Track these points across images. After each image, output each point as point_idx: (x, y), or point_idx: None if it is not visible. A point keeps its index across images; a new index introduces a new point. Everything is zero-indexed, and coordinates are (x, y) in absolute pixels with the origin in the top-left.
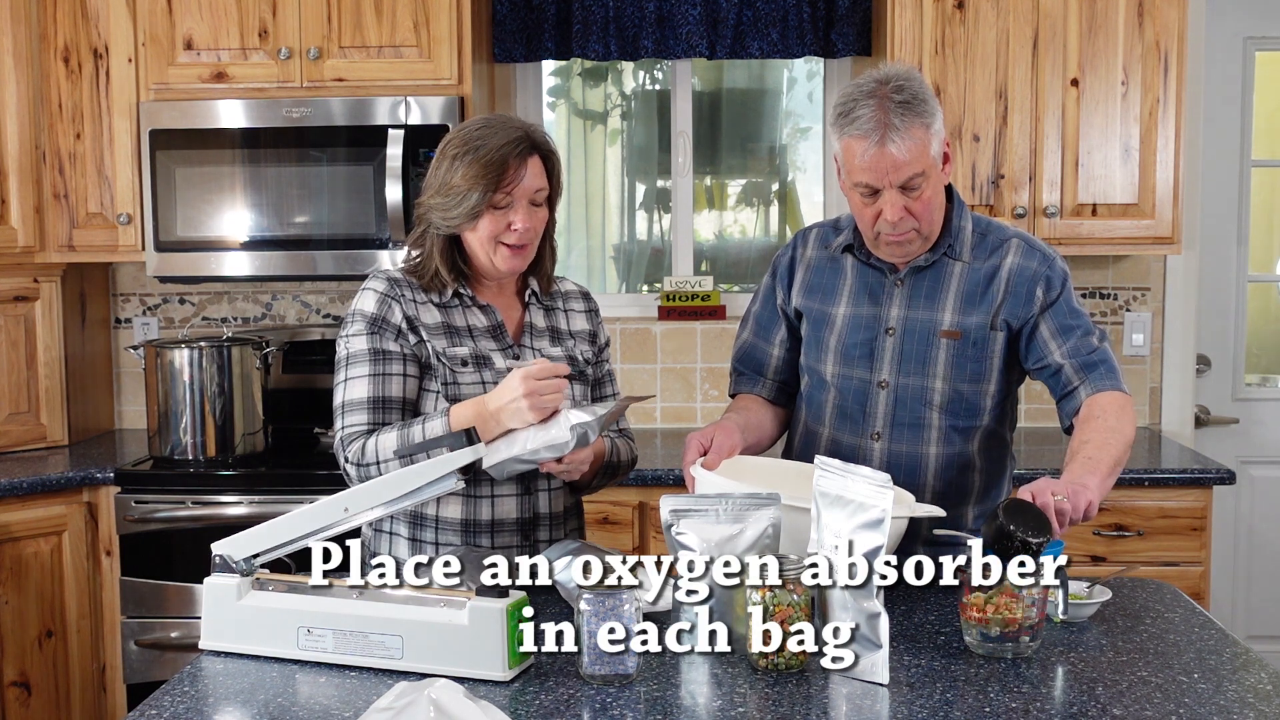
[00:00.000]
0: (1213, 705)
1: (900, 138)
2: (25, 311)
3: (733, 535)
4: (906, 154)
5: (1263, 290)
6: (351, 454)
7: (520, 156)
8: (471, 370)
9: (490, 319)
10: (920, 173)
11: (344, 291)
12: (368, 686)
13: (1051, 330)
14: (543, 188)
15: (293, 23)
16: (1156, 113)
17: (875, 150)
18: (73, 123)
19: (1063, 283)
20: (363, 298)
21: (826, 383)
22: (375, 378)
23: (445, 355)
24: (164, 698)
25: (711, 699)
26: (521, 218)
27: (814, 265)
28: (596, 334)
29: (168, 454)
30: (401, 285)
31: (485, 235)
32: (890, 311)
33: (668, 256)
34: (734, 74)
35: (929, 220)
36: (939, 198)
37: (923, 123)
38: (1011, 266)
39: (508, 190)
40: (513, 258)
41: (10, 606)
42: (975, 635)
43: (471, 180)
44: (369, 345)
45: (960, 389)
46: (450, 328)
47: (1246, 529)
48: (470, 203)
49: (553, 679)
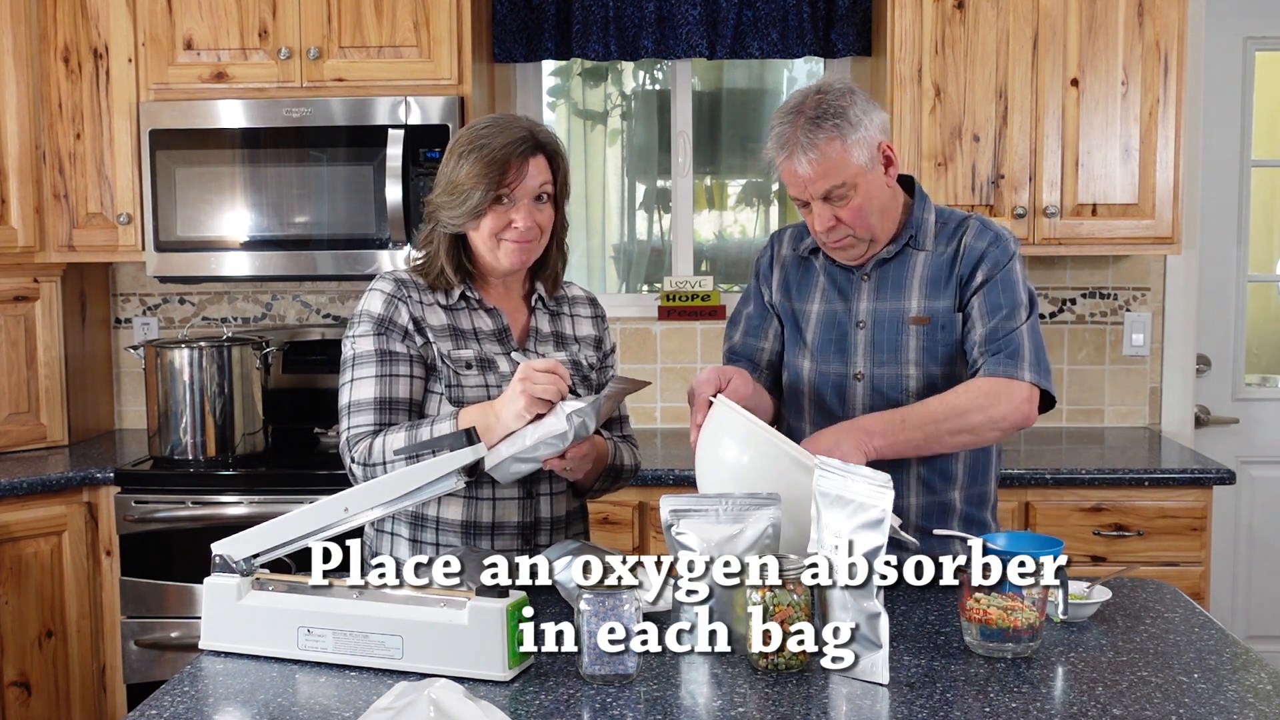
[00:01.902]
0: (1213, 705)
1: (806, 154)
2: (25, 311)
3: (733, 535)
4: (811, 170)
5: (1263, 290)
6: (358, 454)
7: (523, 155)
8: (475, 373)
9: (495, 322)
10: (840, 184)
11: (344, 291)
12: (368, 686)
13: (980, 310)
14: (546, 183)
15: (293, 23)
16: (1156, 113)
17: (787, 165)
18: (73, 123)
19: (1008, 261)
20: (369, 298)
21: (804, 379)
22: (382, 379)
23: (450, 357)
24: (164, 698)
25: (711, 699)
26: (523, 215)
27: (788, 264)
28: (602, 340)
29: (168, 454)
30: (408, 286)
31: (487, 232)
32: (859, 305)
33: (668, 256)
34: (734, 74)
35: (864, 226)
36: (875, 202)
37: (835, 136)
38: (964, 246)
39: (509, 188)
40: (516, 252)
41: (10, 606)
42: (975, 635)
43: (475, 179)
44: (375, 346)
45: (934, 373)
46: (456, 330)
47: (1246, 529)
48: (473, 201)
49: (553, 679)
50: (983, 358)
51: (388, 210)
